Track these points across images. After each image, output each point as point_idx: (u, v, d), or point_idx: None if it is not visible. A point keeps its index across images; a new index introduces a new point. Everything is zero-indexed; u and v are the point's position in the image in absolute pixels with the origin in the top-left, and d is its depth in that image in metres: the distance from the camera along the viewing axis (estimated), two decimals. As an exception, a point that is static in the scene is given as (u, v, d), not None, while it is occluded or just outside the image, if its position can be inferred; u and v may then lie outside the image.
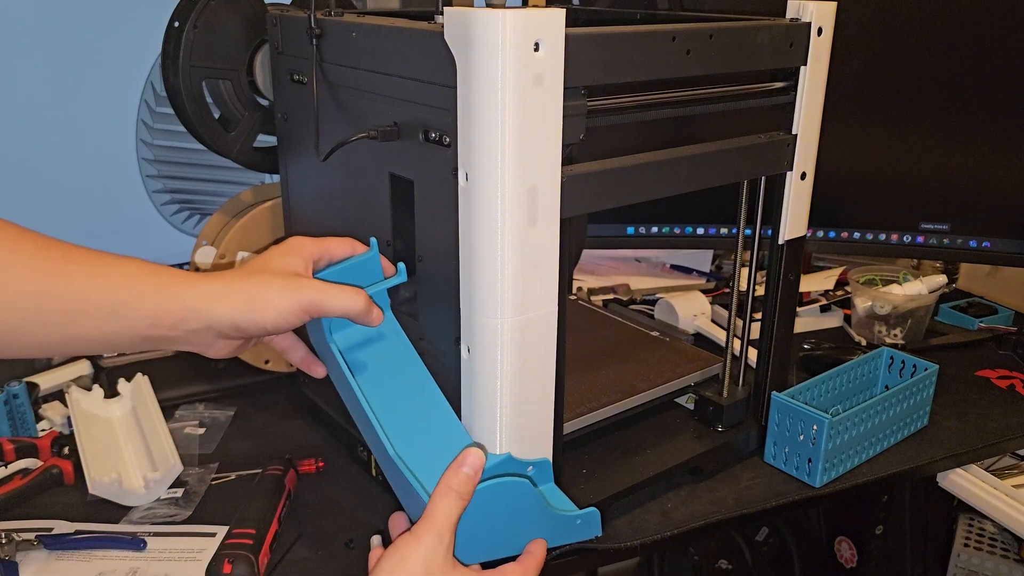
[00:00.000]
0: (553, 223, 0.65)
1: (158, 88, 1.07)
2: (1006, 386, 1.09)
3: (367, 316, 0.66)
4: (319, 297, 0.64)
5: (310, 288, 0.64)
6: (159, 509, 0.83)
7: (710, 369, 0.94)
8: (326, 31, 0.76)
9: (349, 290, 0.65)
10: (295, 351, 0.73)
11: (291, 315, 0.63)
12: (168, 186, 1.14)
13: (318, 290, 0.64)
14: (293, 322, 0.64)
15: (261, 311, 0.62)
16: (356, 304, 0.65)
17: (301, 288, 0.64)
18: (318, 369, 0.73)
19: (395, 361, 0.73)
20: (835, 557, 1.34)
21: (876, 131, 1.19)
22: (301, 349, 0.73)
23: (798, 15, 0.78)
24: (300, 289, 0.64)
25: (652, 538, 0.79)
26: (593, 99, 0.66)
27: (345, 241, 0.71)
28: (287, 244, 0.69)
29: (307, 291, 0.64)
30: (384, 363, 0.72)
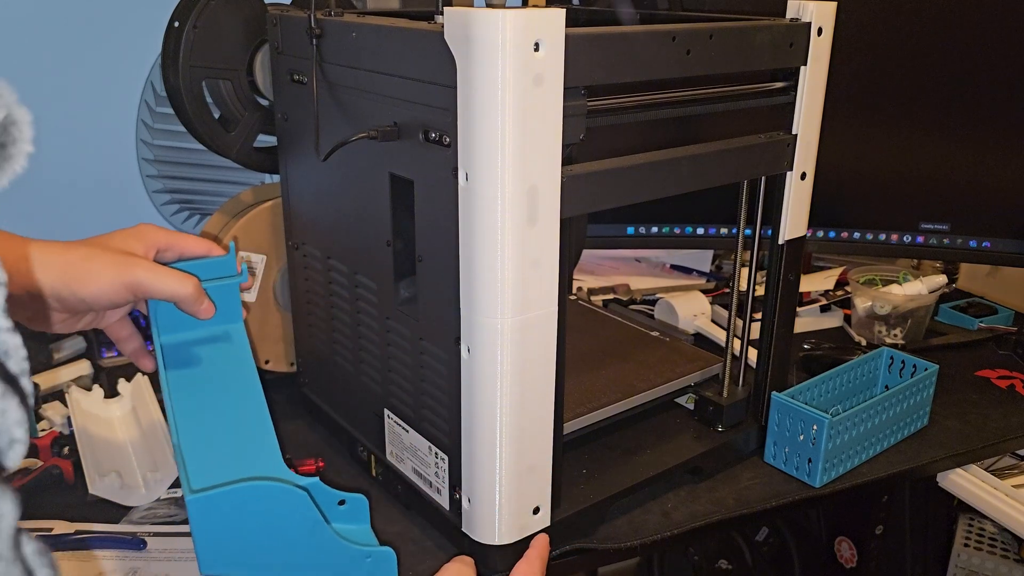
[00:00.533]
0: (553, 223, 0.65)
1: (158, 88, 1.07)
2: (1006, 386, 1.09)
3: (195, 304, 0.65)
4: (145, 276, 0.63)
5: (137, 266, 0.63)
6: (159, 509, 0.83)
7: (710, 369, 0.94)
8: (326, 31, 0.76)
9: (178, 274, 0.64)
10: (130, 342, 0.72)
11: (111, 291, 0.62)
12: (168, 186, 1.14)
13: (145, 269, 0.63)
14: (114, 298, 0.62)
15: (80, 282, 0.61)
16: (183, 289, 0.64)
17: (128, 264, 0.63)
18: (147, 363, 0.72)
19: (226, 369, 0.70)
20: (835, 557, 1.34)
21: (876, 131, 1.19)
22: (136, 341, 0.72)
23: (798, 15, 0.78)
24: (127, 265, 0.62)
25: (652, 538, 0.79)
26: (593, 99, 0.66)
27: (202, 241, 0.70)
28: (133, 228, 0.68)
29: (134, 268, 0.63)
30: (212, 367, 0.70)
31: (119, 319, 0.70)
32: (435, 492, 0.77)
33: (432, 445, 0.76)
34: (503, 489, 0.70)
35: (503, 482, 0.69)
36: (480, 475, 0.70)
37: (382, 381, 0.81)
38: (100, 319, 0.68)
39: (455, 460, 0.73)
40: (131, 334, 0.71)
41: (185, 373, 0.68)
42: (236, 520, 0.59)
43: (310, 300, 0.91)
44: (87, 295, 0.61)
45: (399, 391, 0.79)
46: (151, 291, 0.63)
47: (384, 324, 0.79)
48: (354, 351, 0.85)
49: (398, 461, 0.82)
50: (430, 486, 0.78)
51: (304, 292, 0.92)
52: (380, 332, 0.79)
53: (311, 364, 0.96)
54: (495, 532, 0.71)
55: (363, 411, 0.86)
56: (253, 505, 0.59)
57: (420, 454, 0.78)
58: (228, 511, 0.58)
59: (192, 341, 0.70)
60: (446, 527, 0.77)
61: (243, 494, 0.58)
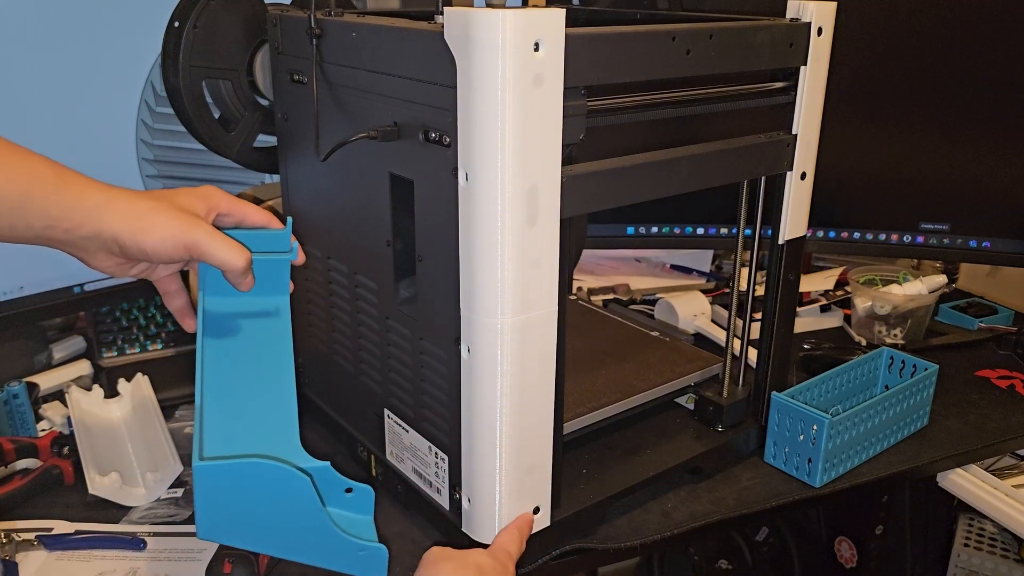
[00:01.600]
0: (553, 223, 0.65)
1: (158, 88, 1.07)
2: (1006, 386, 1.09)
3: (240, 276, 0.66)
4: (204, 240, 0.64)
5: (199, 229, 0.64)
6: (159, 509, 0.83)
7: (710, 369, 0.94)
8: (326, 31, 0.76)
9: (235, 245, 0.65)
10: (177, 298, 0.72)
11: (171, 247, 0.63)
12: (168, 186, 1.14)
13: (206, 233, 0.64)
14: (172, 254, 0.64)
15: (144, 232, 0.62)
16: (236, 260, 0.65)
17: (191, 225, 0.64)
18: (189, 322, 0.72)
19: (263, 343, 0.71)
20: (835, 557, 1.34)
21: (876, 131, 1.19)
22: (183, 298, 0.73)
23: (798, 15, 0.78)
24: (190, 226, 0.64)
25: (652, 538, 0.79)
26: (593, 99, 0.66)
27: (262, 212, 0.72)
28: (200, 188, 0.70)
29: (195, 230, 0.64)
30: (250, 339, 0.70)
31: (169, 274, 0.71)
32: (435, 492, 0.77)
33: (432, 445, 0.76)
34: (503, 489, 0.70)
35: (503, 482, 0.69)
36: (480, 475, 0.70)
37: (382, 381, 0.81)
38: (152, 271, 0.70)
39: (455, 460, 0.73)
40: (179, 289, 0.73)
41: (222, 341, 0.69)
42: (237, 493, 0.60)
43: (310, 300, 0.91)
44: (148, 247, 0.63)
45: (399, 391, 0.79)
46: (205, 255, 0.64)
47: (384, 324, 0.79)
48: (354, 351, 0.85)
49: (398, 461, 0.82)
50: (430, 486, 0.77)
51: (304, 292, 0.92)
52: (380, 332, 0.79)
53: (311, 364, 0.96)
54: (495, 532, 0.71)
55: (363, 411, 0.86)
56: (256, 482, 0.60)
57: (420, 454, 0.78)
58: (231, 483, 0.59)
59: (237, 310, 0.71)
60: (446, 527, 0.77)
61: (248, 470, 0.59)
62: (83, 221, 0.61)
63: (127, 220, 0.62)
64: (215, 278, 0.68)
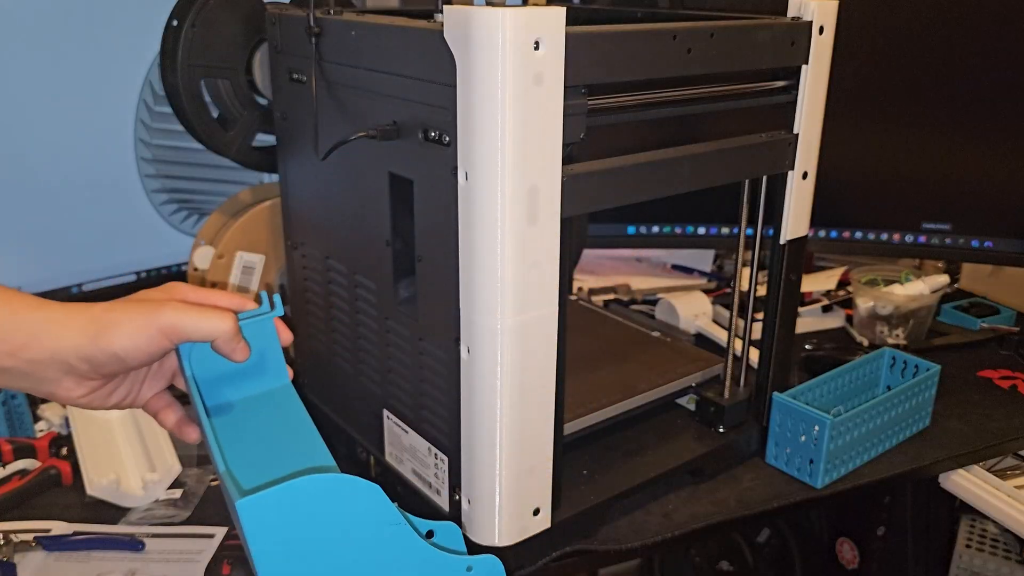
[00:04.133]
0: (553, 223, 0.64)
1: (156, 87, 1.07)
2: (1008, 387, 1.08)
3: (231, 343, 0.59)
4: (179, 318, 0.57)
5: (168, 308, 0.57)
6: (157, 510, 0.82)
7: (711, 370, 0.93)
8: (325, 30, 0.75)
9: (215, 311, 0.58)
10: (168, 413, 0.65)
11: (144, 339, 0.56)
12: (167, 185, 1.13)
13: (178, 310, 0.57)
14: (147, 347, 0.56)
15: (109, 332, 0.55)
16: (221, 324, 0.58)
17: (157, 309, 0.57)
18: (190, 433, 0.65)
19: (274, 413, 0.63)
20: (836, 558, 1.33)
21: (878, 130, 1.19)
22: (176, 411, 0.66)
23: (799, 14, 0.78)
24: (156, 309, 0.57)
25: (653, 539, 0.79)
26: (594, 98, 0.66)
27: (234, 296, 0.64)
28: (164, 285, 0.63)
29: (165, 311, 0.57)
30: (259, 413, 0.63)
31: (156, 394, 0.65)
32: (435, 493, 0.77)
33: (432, 446, 0.75)
34: (503, 490, 0.69)
35: (503, 483, 0.69)
36: (480, 476, 0.70)
37: (381, 381, 0.81)
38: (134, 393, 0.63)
39: (455, 461, 0.72)
40: (170, 402, 0.66)
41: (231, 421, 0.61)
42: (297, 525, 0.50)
43: (309, 300, 0.91)
44: (118, 346, 0.55)
45: (398, 391, 0.79)
46: (185, 331, 0.57)
47: (383, 324, 0.78)
48: (353, 351, 0.85)
49: (397, 462, 0.82)
50: (430, 487, 0.77)
51: (303, 292, 0.91)
52: (379, 332, 0.79)
53: (310, 364, 0.96)
54: (495, 533, 0.71)
55: (362, 412, 0.86)
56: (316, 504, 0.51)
57: (420, 455, 0.77)
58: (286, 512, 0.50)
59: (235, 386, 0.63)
60: (446, 528, 0.77)
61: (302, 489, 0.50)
62: (29, 340, 0.54)
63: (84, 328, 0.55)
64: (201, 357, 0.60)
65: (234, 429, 0.60)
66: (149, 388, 0.64)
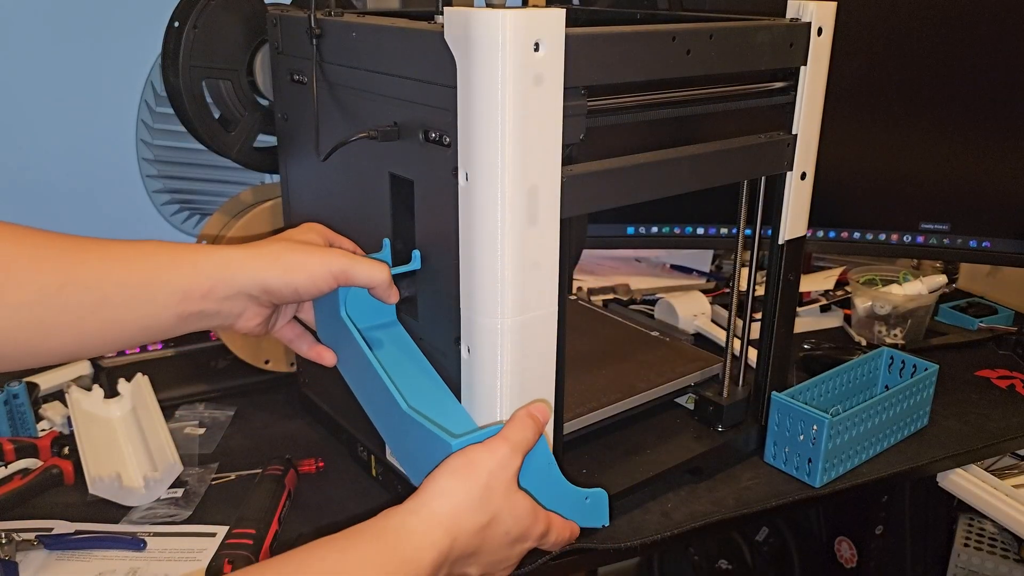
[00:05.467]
0: (553, 223, 0.65)
1: (158, 88, 1.07)
2: (1006, 386, 1.09)
3: (388, 289, 0.68)
4: (349, 264, 0.65)
5: (339, 255, 0.66)
6: (159, 509, 0.83)
7: (710, 369, 0.94)
8: (326, 31, 0.76)
9: (376, 263, 0.67)
10: (302, 340, 0.74)
11: (321, 279, 0.64)
12: (168, 186, 1.14)
13: (347, 258, 0.66)
14: (322, 287, 0.65)
15: (293, 272, 0.63)
16: (382, 275, 0.67)
17: (330, 254, 0.66)
18: (327, 355, 0.74)
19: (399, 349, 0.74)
20: (835, 557, 1.34)
21: (876, 131, 1.19)
22: (308, 338, 0.74)
23: (798, 15, 0.78)
24: (330, 255, 0.65)
25: (652, 538, 0.79)
26: (593, 99, 0.66)
27: (351, 242, 0.74)
28: (305, 225, 0.71)
29: (337, 257, 0.65)
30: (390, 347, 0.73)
31: (288, 322, 0.73)
32: (435, 492, 0.77)
33: (432, 445, 0.76)
34: (503, 489, 0.70)
35: (503, 482, 0.69)
36: (480, 475, 0.70)
37: (382, 381, 0.81)
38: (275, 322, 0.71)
39: (455, 460, 0.73)
40: (302, 332, 0.74)
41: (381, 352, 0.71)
42: None
43: (310, 300, 0.91)
44: (299, 284, 0.64)
45: (399, 391, 0.79)
46: (353, 279, 0.66)
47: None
48: (354, 351, 0.85)
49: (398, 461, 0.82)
50: (430, 486, 0.77)
51: (304, 292, 0.92)
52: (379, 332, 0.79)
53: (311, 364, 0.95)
54: (495, 532, 0.71)
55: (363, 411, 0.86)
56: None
57: (420, 454, 0.78)
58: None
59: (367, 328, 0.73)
60: (446, 527, 0.77)
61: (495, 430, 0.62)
62: (217, 282, 0.61)
63: (269, 266, 0.63)
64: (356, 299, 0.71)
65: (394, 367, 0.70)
66: (283, 319, 0.72)
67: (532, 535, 0.63)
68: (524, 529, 0.62)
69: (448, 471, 0.59)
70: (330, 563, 0.53)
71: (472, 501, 0.58)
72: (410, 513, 0.57)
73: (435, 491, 0.58)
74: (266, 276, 0.63)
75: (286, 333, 0.73)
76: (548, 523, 0.64)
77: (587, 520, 0.70)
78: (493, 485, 0.59)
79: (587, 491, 0.69)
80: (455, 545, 0.57)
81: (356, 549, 0.55)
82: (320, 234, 0.71)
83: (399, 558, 0.55)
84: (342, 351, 0.73)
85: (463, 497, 0.58)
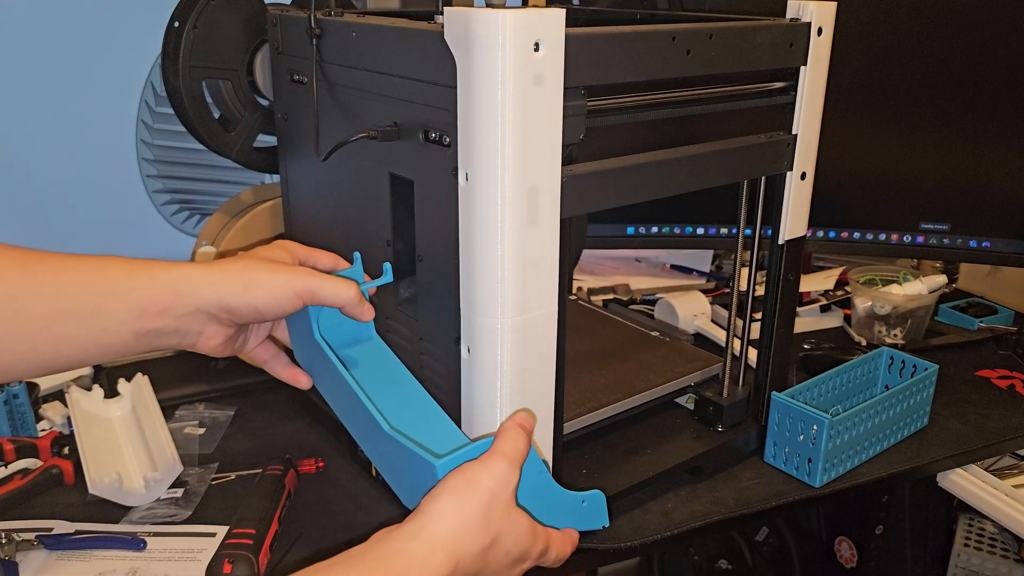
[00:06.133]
0: (553, 223, 0.65)
1: (158, 88, 1.07)
2: (1006, 386, 1.09)
3: (359, 307, 0.66)
4: (314, 283, 0.63)
5: (303, 273, 0.64)
6: (159, 509, 0.83)
7: (710, 369, 0.94)
8: (326, 31, 0.76)
9: (342, 280, 0.65)
10: (276, 361, 0.71)
11: (283, 298, 0.62)
12: (168, 186, 1.14)
13: (311, 276, 0.63)
14: (285, 306, 0.63)
15: (253, 290, 0.61)
16: (349, 293, 0.64)
17: (294, 272, 0.63)
18: (302, 378, 0.71)
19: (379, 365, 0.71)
20: (835, 557, 1.34)
21: (876, 131, 1.19)
22: (282, 359, 0.72)
23: (798, 15, 0.78)
24: (293, 273, 0.63)
25: (652, 538, 0.79)
26: (593, 99, 0.66)
27: (330, 255, 0.71)
28: (275, 243, 0.69)
29: (301, 276, 0.63)
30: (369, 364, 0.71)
31: (261, 342, 0.71)
32: (435, 492, 0.77)
33: (432, 445, 0.75)
34: (503, 489, 0.70)
35: (503, 482, 0.69)
36: (480, 475, 0.70)
37: (382, 381, 0.81)
38: (246, 343, 0.69)
39: (455, 460, 0.73)
40: (276, 352, 0.72)
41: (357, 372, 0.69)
42: None
43: (310, 300, 0.91)
44: (260, 302, 0.61)
45: (399, 391, 0.79)
46: (318, 297, 0.64)
47: (384, 324, 0.79)
48: (354, 351, 0.85)
49: (398, 461, 0.82)
50: (430, 486, 0.77)
51: (304, 292, 0.92)
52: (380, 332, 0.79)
53: (311, 364, 0.96)
54: (495, 532, 0.71)
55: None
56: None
57: (420, 454, 0.78)
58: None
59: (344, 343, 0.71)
60: (446, 527, 0.77)
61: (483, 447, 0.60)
62: (175, 299, 0.59)
63: (228, 284, 0.61)
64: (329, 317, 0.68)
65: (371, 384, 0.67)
66: (255, 339, 0.70)
67: (532, 554, 0.61)
68: (524, 549, 0.60)
69: (448, 491, 0.56)
70: None
71: (474, 522, 0.56)
72: (410, 537, 0.55)
73: (435, 513, 0.56)
74: (225, 294, 0.60)
75: (260, 354, 0.71)
76: (547, 540, 0.62)
77: (587, 524, 0.69)
78: (494, 505, 0.57)
79: (583, 494, 0.68)
80: (458, 569, 0.55)
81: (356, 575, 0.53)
82: (289, 251, 0.68)
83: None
84: (319, 371, 0.70)
85: (464, 519, 0.56)
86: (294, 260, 0.68)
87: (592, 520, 0.69)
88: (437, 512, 0.56)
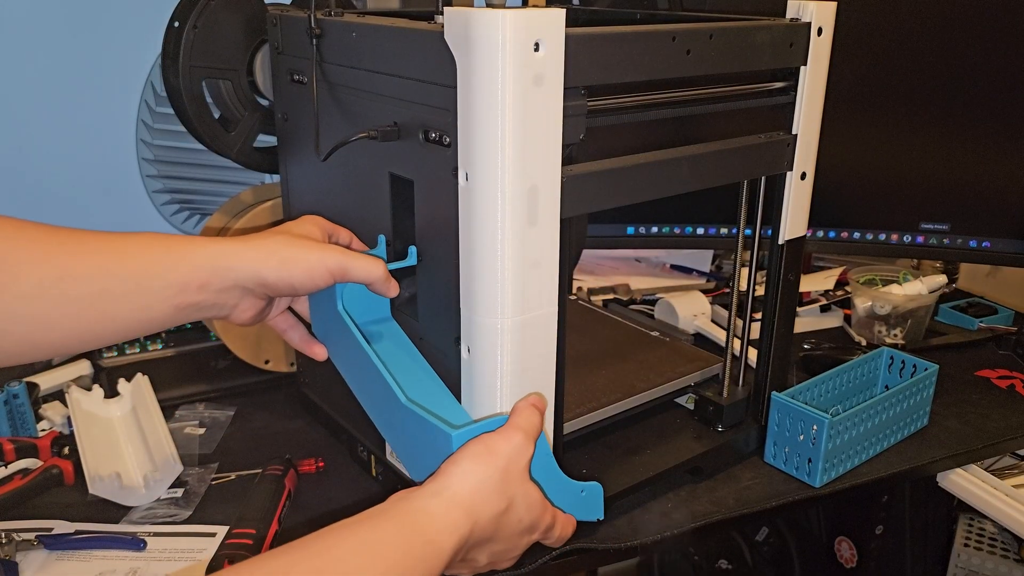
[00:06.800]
0: (553, 223, 0.65)
1: (158, 88, 1.07)
2: (1006, 386, 1.09)
3: (386, 284, 0.68)
4: (345, 260, 0.66)
5: (335, 251, 0.66)
6: (159, 509, 0.83)
7: (710, 369, 0.94)
8: (326, 31, 0.76)
9: (371, 258, 0.68)
10: (295, 331, 0.74)
11: (317, 274, 0.65)
12: (168, 186, 1.14)
13: (343, 254, 0.66)
14: (319, 283, 0.65)
15: (290, 267, 0.64)
16: (378, 270, 0.67)
17: (327, 250, 0.66)
18: (318, 350, 0.74)
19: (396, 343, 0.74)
20: (835, 557, 1.34)
21: (876, 131, 1.19)
22: (300, 330, 0.75)
23: (798, 15, 0.78)
24: (327, 251, 0.66)
25: (652, 538, 0.79)
26: (593, 99, 0.66)
27: (347, 231, 0.75)
28: (304, 218, 0.72)
29: (333, 253, 0.66)
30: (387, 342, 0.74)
31: (282, 312, 0.74)
32: (435, 492, 0.77)
33: (432, 445, 0.76)
34: (503, 489, 0.70)
35: (503, 482, 0.69)
36: (480, 475, 0.70)
37: (382, 381, 0.81)
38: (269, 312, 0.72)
39: (455, 460, 0.73)
40: (295, 323, 0.75)
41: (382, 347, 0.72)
42: None
43: (310, 300, 0.91)
44: (296, 279, 0.64)
45: (399, 391, 0.79)
46: (350, 274, 0.66)
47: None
48: (354, 351, 0.85)
49: (398, 461, 0.82)
50: (430, 486, 0.77)
51: (304, 292, 0.92)
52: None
53: (311, 364, 0.96)
54: (495, 532, 0.71)
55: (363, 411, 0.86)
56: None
57: (420, 454, 0.78)
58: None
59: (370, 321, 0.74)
60: (446, 527, 0.77)
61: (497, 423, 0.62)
62: (213, 274, 0.61)
63: (265, 260, 0.63)
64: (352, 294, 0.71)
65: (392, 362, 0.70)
66: (277, 308, 0.73)
67: (540, 526, 0.63)
68: (535, 519, 0.62)
69: (469, 455, 0.59)
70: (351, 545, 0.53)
71: (493, 484, 0.58)
72: (431, 495, 0.57)
73: (456, 475, 0.58)
74: (262, 269, 0.63)
75: (279, 323, 0.74)
76: (554, 517, 0.65)
77: (583, 513, 0.70)
78: (511, 470, 0.60)
79: (583, 484, 0.70)
80: (475, 529, 0.57)
81: (376, 531, 0.54)
82: (319, 226, 0.71)
83: (421, 540, 0.55)
84: (337, 345, 0.73)
85: (484, 480, 0.58)
86: (324, 235, 0.71)
87: (589, 511, 0.71)
88: (458, 474, 0.58)
